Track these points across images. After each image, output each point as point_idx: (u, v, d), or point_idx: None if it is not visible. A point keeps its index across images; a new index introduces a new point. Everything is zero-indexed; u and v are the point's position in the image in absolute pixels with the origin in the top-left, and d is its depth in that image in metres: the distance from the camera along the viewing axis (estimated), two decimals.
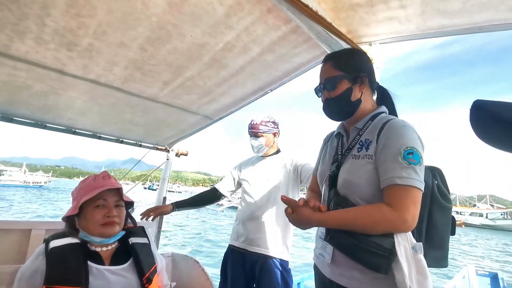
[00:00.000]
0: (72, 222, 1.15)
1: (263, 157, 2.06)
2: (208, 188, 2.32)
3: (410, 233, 0.90)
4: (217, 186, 2.18)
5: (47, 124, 2.14)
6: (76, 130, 2.29)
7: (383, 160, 0.94)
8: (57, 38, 1.32)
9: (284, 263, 1.82)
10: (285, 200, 0.98)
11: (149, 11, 1.23)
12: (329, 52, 1.45)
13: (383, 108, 1.11)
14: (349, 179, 1.01)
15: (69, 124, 2.22)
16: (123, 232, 1.21)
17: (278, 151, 2.07)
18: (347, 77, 1.06)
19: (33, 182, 58.51)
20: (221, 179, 2.27)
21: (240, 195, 2.16)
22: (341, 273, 0.99)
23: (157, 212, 2.00)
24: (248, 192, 1.99)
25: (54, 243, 1.05)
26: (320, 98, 1.16)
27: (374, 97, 1.17)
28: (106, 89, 1.76)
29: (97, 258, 1.10)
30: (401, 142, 0.92)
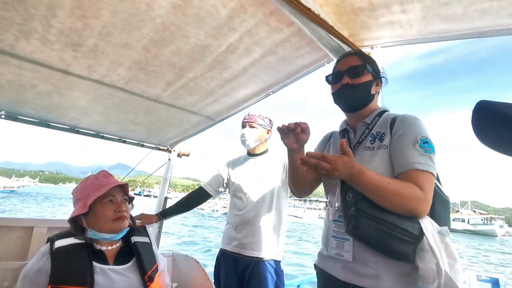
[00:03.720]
0: (78, 222, 1.16)
1: (252, 156, 2.01)
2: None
3: (430, 218, 0.91)
4: (204, 186, 2.10)
5: (51, 123, 2.16)
6: (80, 130, 2.31)
7: (400, 147, 0.97)
8: (62, 39, 1.34)
9: (276, 265, 1.80)
10: (311, 154, 0.89)
11: (154, 13, 1.25)
12: (331, 55, 1.47)
13: (386, 107, 1.18)
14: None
15: (73, 124, 2.24)
16: (128, 228, 1.24)
17: (266, 151, 2.02)
18: (371, 72, 1.12)
19: (3, 187, 57.71)
20: None
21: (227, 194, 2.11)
22: (361, 272, 0.96)
23: (142, 223, 1.84)
24: (238, 195, 1.94)
25: (59, 243, 1.06)
26: (331, 86, 1.18)
27: None
28: (110, 89, 1.78)
29: (102, 258, 1.12)
30: (417, 132, 0.98)
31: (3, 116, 1.97)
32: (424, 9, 1.18)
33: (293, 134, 1.14)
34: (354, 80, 1.10)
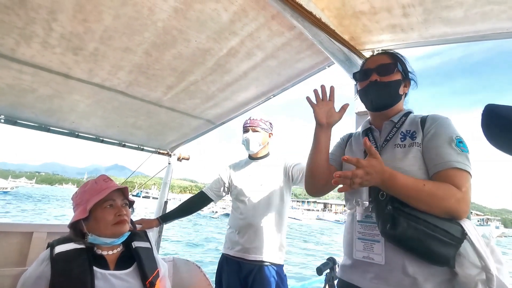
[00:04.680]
0: (79, 227, 1.15)
1: (254, 159, 2.01)
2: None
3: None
4: (205, 190, 2.08)
5: (51, 128, 2.15)
6: (79, 134, 2.30)
7: (436, 146, 0.94)
8: (63, 43, 1.34)
9: (279, 269, 1.80)
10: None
11: (155, 17, 1.25)
12: (332, 59, 1.47)
13: (411, 109, 1.14)
14: (400, 166, 0.95)
15: (73, 128, 2.23)
16: (129, 233, 1.23)
17: (268, 154, 2.02)
18: (401, 72, 1.10)
19: None
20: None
21: (228, 198, 2.10)
22: (397, 280, 0.88)
23: (142, 228, 1.85)
24: (241, 199, 1.92)
25: (59, 248, 1.05)
26: (358, 83, 1.16)
27: None
28: (110, 93, 1.77)
29: (103, 263, 1.10)
30: (451, 131, 0.95)
31: (2, 121, 1.96)
32: (425, 12, 1.19)
33: (325, 106, 1.13)
34: (383, 78, 1.07)
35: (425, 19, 1.23)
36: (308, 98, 1.16)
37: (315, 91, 1.15)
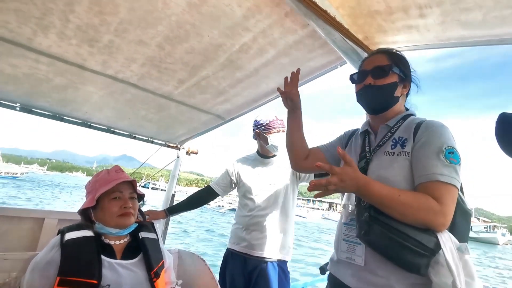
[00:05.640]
0: (88, 215, 1.18)
1: (264, 157, 2.00)
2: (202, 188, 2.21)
3: (450, 233, 0.88)
4: (212, 185, 2.09)
5: (65, 117, 2.20)
6: (92, 124, 2.35)
7: (423, 156, 0.93)
8: (79, 34, 1.36)
9: (283, 265, 1.82)
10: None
11: (169, 11, 1.26)
12: (344, 58, 1.46)
13: (413, 111, 1.12)
14: (385, 175, 0.97)
15: (85, 118, 2.27)
16: (136, 225, 1.25)
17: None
18: (398, 73, 1.07)
19: (5, 173, 58.28)
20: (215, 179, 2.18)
21: (235, 192, 2.10)
22: (373, 281, 0.94)
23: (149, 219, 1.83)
24: (249, 197, 1.92)
25: (69, 235, 1.08)
26: (355, 85, 1.15)
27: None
28: (123, 85, 1.80)
29: (110, 252, 1.13)
30: (443, 141, 0.92)
31: (18, 108, 2.01)
32: (443, 14, 1.16)
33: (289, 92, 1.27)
34: (377, 81, 1.06)
35: (442, 21, 1.20)
36: (278, 89, 1.31)
37: (285, 78, 1.29)
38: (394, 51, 1.13)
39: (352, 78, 1.16)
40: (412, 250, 0.83)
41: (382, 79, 1.05)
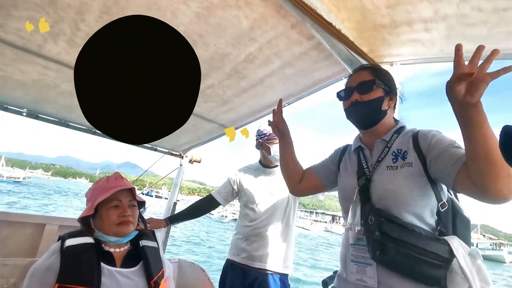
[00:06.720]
0: (87, 223, 1.17)
1: (266, 167, 2.00)
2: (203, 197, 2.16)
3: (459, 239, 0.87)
4: (213, 194, 2.06)
5: (70, 123, 2.22)
6: (97, 131, 2.36)
7: (444, 150, 0.89)
8: None
9: (285, 278, 1.78)
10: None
11: (177, 21, 1.28)
12: (349, 70, 1.47)
13: (403, 123, 1.12)
14: (392, 188, 0.96)
15: (91, 125, 2.29)
16: (136, 232, 1.23)
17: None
18: (382, 87, 1.07)
19: (7, 177, 58.31)
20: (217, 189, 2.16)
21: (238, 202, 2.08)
22: None
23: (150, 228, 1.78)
24: (251, 207, 1.90)
25: (69, 242, 1.07)
26: (343, 102, 1.14)
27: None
28: None
29: (110, 259, 1.11)
30: (449, 139, 0.93)
31: (24, 114, 2.03)
32: (448, 28, 1.17)
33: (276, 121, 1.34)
34: (364, 97, 1.06)
35: (447, 35, 1.21)
36: (268, 120, 1.38)
37: (273, 110, 1.36)
38: (376, 66, 1.15)
39: (339, 95, 1.16)
40: (430, 263, 0.83)
41: (367, 94, 1.06)
